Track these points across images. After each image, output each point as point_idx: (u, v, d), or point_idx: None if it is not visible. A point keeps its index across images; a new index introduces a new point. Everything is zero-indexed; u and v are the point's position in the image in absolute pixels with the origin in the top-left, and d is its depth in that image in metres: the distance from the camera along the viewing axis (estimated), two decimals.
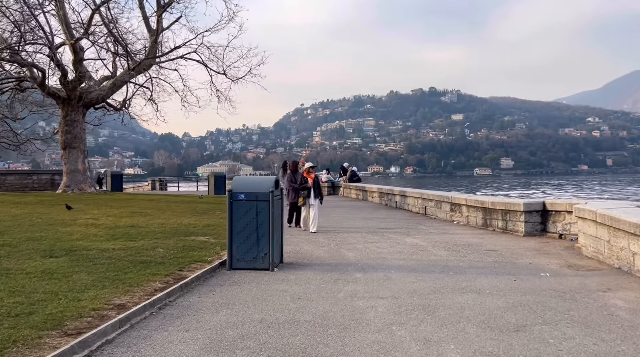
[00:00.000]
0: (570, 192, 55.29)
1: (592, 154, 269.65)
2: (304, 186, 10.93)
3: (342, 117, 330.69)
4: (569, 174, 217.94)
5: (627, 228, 6.55)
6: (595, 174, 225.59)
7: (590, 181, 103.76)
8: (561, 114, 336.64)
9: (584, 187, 68.58)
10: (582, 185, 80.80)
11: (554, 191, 59.62)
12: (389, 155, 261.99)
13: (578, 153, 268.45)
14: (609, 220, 7.09)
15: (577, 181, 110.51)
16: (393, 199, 18.89)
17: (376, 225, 12.90)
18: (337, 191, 27.56)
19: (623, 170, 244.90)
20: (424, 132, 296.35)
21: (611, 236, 7.16)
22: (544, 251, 8.65)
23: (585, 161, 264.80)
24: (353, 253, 8.52)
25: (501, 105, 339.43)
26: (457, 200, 13.32)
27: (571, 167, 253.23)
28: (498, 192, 60.72)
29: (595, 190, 61.76)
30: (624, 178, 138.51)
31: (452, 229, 12.02)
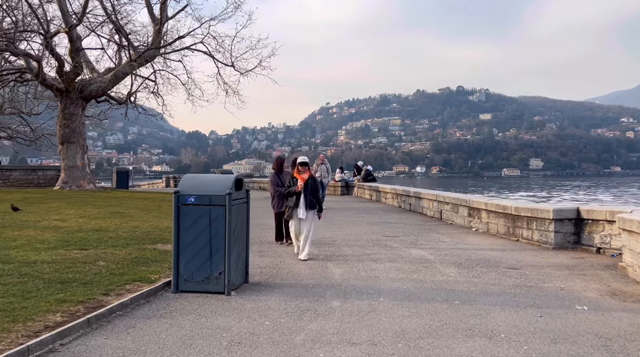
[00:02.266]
0: (603, 197, 52.46)
1: (625, 155, 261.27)
2: (290, 190, 7.88)
3: (367, 115, 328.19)
4: (601, 176, 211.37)
5: None
6: (629, 175, 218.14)
7: (626, 184, 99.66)
8: (593, 113, 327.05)
9: (617, 192, 65.32)
10: (610, 188, 77.25)
11: (583, 196, 56.74)
12: (415, 155, 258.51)
13: (611, 154, 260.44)
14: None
15: (606, 183, 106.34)
16: (407, 201, 17.27)
17: (382, 232, 11.34)
18: (351, 191, 25.99)
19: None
20: (451, 131, 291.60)
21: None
22: (578, 270, 6.99)
23: (619, 162, 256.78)
24: (341, 270, 7.01)
25: (531, 105, 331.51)
26: (476, 204, 11.67)
27: (603, 168, 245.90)
28: (527, 193, 58.11)
29: (634, 194, 58.61)
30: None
31: (469, 238, 10.39)
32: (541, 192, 61.57)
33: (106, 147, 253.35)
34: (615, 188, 73.34)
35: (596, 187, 75.16)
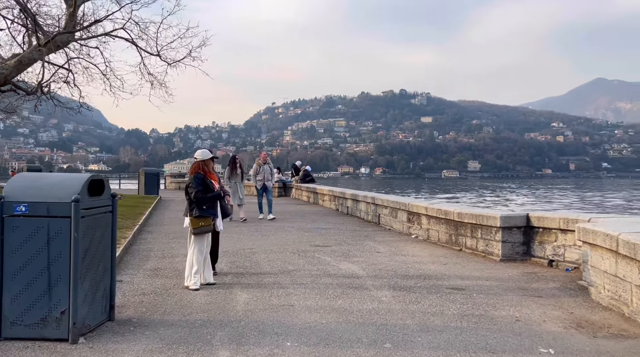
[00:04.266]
0: (527, 199, 53.87)
1: (555, 158, 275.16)
2: (198, 195, 5.91)
3: (313, 116, 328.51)
4: (534, 178, 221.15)
5: None
6: (559, 178, 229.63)
7: (554, 186, 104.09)
8: (527, 118, 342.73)
9: (544, 194, 67.62)
10: (536, 189, 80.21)
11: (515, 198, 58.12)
12: (359, 156, 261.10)
13: (542, 157, 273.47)
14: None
15: (531, 185, 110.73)
16: (344, 203, 16.07)
17: (312, 240, 10.00)
18: (289, 192, 24.60)
19: (585, 175, 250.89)
20: (394, 133, 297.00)
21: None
22: (533, 290, 5.90)
23: (550, 165, 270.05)
24: (248, 296, 5.57)
25: (469, 109, 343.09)
26: (416, 208, 10.55)
27: (536, 171, 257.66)
28: (470, 195, 58.82)
29: (565, 196, 60.66)
30: (589, 183, 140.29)
31: (408, 247, 9.22)
32: (490, 195, 62.65)
33: (38, 145, 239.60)
34: (569, 190, 75.87)
35: (551, 190, 77.70)
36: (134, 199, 18.70)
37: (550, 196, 55.84)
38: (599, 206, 39.77)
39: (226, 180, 13.36)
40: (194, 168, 6.26)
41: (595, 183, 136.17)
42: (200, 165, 6.21)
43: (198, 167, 6.21)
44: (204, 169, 6.18)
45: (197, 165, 6.23)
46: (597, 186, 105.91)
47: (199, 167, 6.20)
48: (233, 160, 13.78)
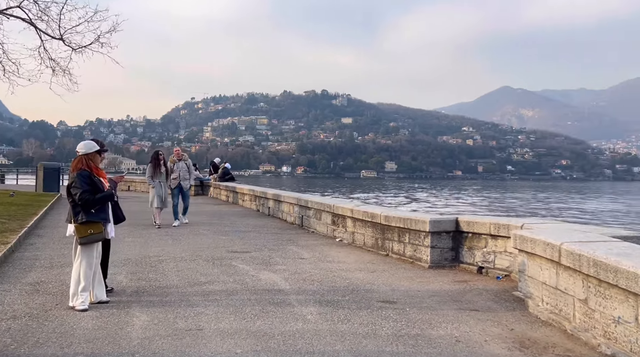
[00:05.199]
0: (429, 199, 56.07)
1: (465, 160, 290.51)
2: (84, 197, 4.90)
3: (234, 113, 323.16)
4: (446, 179, 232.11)
5: (638, 289, 3.49)
6: (468, 179, 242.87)
7: (463, 187, 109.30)
8: (440, 122, 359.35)
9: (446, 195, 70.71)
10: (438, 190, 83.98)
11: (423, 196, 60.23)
12: (281, 155, 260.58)
13: (454, 159, 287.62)
14: (593, 265, 4.03)
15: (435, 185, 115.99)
16: (266, 204, 15.29)
17: (229, 245, 9.15)
18: (207, 191, 23.37)
19: (492, 177, 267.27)
20: (315, 133, 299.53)
21: (594, 295, 4.11)
22: (467, 302, 5.49)
23: (460, 167, 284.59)
24: (148, 318, 4.68)
25: (387, 112, 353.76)
26: (341, 210, 10.02)
27: (447, 172, 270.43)
28: (388, 194, 59.99)
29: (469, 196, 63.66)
30: (495, 184, 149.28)
31: (333, 252, 8.65)
32: (403, 194, 64.28)
33: None
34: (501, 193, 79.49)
35: (486, 191, 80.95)
36: (29, 197, 16.74)
37: (463, 197, 58.31)
38: (511, 208, 41.85)
39: (149, 179, 11.91)
40: (76, 164, 5.14)
41: (501, 184, 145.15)
42: (84, 160, 5.13)
43: (81, 162, 5.12)
44: (89, 165, 5.12)
45: (81, 160, 5.13)
46: (503, 186, 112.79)
47: (83, 163, 5.12)
48: (156, 156, 12.02)
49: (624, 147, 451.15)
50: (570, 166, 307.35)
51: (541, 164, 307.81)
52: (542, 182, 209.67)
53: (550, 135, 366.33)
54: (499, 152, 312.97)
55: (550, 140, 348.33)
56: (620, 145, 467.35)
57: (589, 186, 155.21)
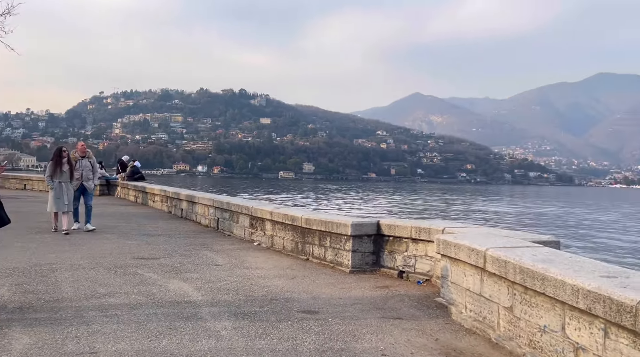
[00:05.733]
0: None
1: (379, 163, 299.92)
2: None
3: (147, 110, 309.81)
4: (361, 180, 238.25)
5: (566, 297, 3.42)
6: (382, 181, 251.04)
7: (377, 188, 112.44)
8: (356, 125, 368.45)
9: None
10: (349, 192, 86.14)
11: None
12: (197, 154, 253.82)
13: (369, 162, 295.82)
14: (519, 272, 3.94)
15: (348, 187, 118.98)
16: (179, 205, 14.46)
17: (136, 251, 8.40)
18: (114, 190, 21.86)
19: (403, 179, 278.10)
20: (233, 132, 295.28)
21: (519, 302, 4.02)
22: (390, 310, 5.29)
23: (374, 169, 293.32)
24: (32, 340, 3.97)
25: (305, 113, 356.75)
26: (260, 213, 9.58)
27: (362, 174, 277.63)
28: (297, 196, 60.08)
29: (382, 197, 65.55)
30: (406, 186, 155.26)
31: (250, 257, 8.19)
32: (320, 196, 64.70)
33: None
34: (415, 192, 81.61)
35: (397, 192, 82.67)
36: None
37: (379, 199, 59.82)
38: (424, 211, 43.37)
39: (47, 179, 10.45)
40: None
41: (413, 187, 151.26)
42: None
43: None
44: None
45: None
46: (414, 189, 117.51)
47: None
48: (59, 153, 10.58)
49: (521, 153, 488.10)
50: (475, 170, 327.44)
51: (448, 168, 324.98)
52: (450, 185, 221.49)
53: (456, 141, 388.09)
54: (411, 155, 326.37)
55: (456, 145, 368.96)
56: (518, 152, 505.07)
57: (490, 189, 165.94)
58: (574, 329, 3.41)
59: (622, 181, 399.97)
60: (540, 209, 50.65)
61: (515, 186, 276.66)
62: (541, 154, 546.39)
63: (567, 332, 3.47)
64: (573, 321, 3.41)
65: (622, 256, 19.31)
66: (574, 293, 3.33)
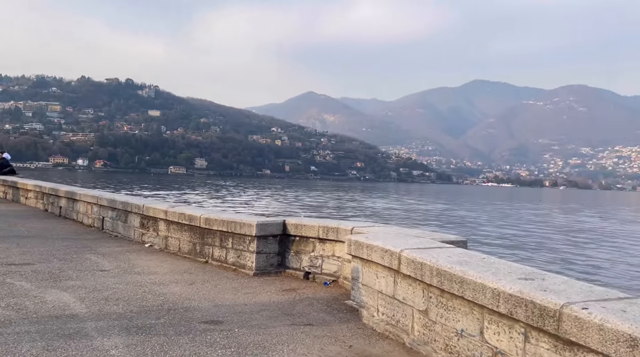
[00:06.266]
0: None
1: (274, 160, 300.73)
2: None
3: (19, 97, 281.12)
4: (255, 177, 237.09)
5: (485, 300, 3.37)
6: (276, 178, 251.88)
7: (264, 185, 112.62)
8: (251, 121, 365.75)
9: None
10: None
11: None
12: (77, 146, 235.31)
13: (263, 158, 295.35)
14: (436, 275, 3.86)
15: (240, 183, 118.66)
16: (57, 203, 13.02)
17: (3, 256, 7.29)
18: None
19: (297, 176, 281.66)
20: (118, 124, 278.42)
21: (435, 305, 3.94)
22: (300, 315, 5.01)
23: (269, 166, 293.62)
24: None
25: (198, 107, 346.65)
26: (153, 211, 8.83)
27: (257, 171, 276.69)
28: (193, 192, 58.07)
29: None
30: (300, 183, 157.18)
31: (141, 260, 7.49)
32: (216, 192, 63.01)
33: None
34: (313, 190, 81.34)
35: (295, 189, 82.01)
36: None
37: (275, 197, 59.64)
38: (317, 208, 43.91)
39: None
40: None
41: (307, 183, 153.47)
42: None
43: None
44: None
45: None
46: (308, 186, 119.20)
47: None
48: None
49: (406, 153, 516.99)
50: (364, 168, 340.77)
51: (340, 166, 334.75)
52: (341, 182, 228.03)
53: (348, 140, 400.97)
54: (304, 153, 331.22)
55: (348, 144, 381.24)
56: (403, 151, 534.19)
57: (379, 186, 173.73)
58: (493, 334, 3.37)
59: (493, 179, 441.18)
60: (426, 206, 53.75)
61: (400, 183, 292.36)
62: (424, 154, 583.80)
63: (486, 336, 3.43)
64: (492, 325, 3.37)
65: (497, 246, 20.97)
66: (494, 297, 3.28)
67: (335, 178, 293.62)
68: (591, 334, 2.60)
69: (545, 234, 26.22)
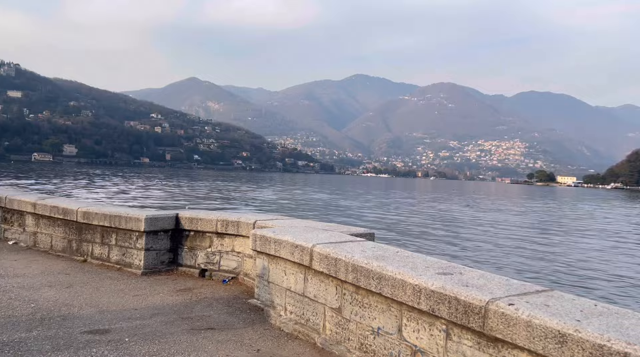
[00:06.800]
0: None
1: (153, 148, 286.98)
2: None
3: None
4: (132, 166, 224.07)
5: (405, 297, 3.25)
6: (156, 166, 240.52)
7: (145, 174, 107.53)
8: (127, 106, 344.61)
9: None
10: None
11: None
12: None
13: (142, 146, 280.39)
14: (352, 271, 3.68)
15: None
16: None
17: None
18: None
19: (179, 165, 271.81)
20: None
21: (349, 303, 3.77)
22: (200, 319, 4.58)
23: (148, 154, 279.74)
24: None
25: (67, 89, 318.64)
26: (18, 204, 7.70)
27: (134, 159, 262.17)
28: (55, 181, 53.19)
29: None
30: (182, 172, 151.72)
31: (6, 260, 6.47)
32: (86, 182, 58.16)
33: None
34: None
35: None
36: None
37: (155, 187, 56.73)
38: (202, 198, 42.48)
39: None
40: None
41: (189, 173, 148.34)
42: None
43: None
44: None
45: None
46: (191, 176, 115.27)
47: None
48: None
49: (292, 143, 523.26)
50: (250, 158, 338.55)
51: (225, 155, 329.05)
52: (226, 171, 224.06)
53: (233, 129, 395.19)
54: (187, 141, 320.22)
55: (233, 133, 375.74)
56: (289, 142, 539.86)
57: (265, 176, 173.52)
58: (412, 331, 3.27)
59: (372, 170, 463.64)
60: (315, 195, 54.57)
61: (285, 173, 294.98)
62: (308, 145, 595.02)
63: (405, 334, 3.32)
64: (412, 322, 3.27)
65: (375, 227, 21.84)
66: (415, 293, 3.18)
67: (220, 168, 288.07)
68: (518, 330, 2.57)
69: (424, 222, 27.93)
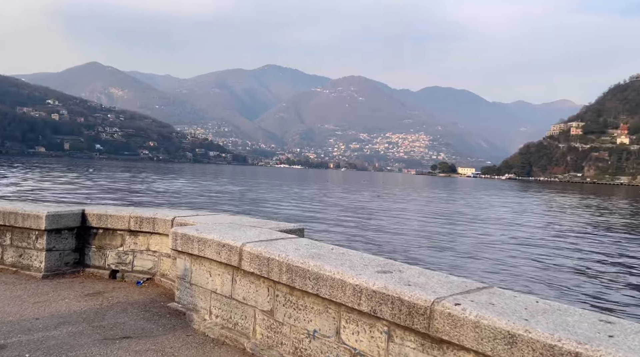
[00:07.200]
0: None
1: (50, 136, 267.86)
2: None
3: None
4: (26, 155, 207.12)
5: (345, 298, 3.11)
6: (53, 156, 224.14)
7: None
8: (19, 91, 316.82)
9: None
10: None
11: None
12: None
13: (36, 134, 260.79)
14: (287, 271, 3.47)
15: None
16: None
17: None
18: None
19: (79, 155, 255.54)
20: None
21: (282, 305, 3.56)
22: (112, 326, 4.14)
23: (44, 143, 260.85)
24: None
25: None
26: None
27: (28, 148, 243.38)
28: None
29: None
30: (82, 163, 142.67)
31: None
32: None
33: None
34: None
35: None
36: None
37: (56, 179, 52.72)
38: (102, 191, 40.11)
39: None
40: None
41: (91, 163, 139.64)
42: None
43: None
44: None
45: None
46: (92, 165, 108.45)
47: None
48: None
49: (202, 133, 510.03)
50: (157, 148, 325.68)
51: (130, 145, 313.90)
52: (132, 162, 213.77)
53: (139, 117, 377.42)
54: (88, 129, 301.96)
55: (139, 121, 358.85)
56: (199, 131, 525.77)
57: (174, 167, 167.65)
58: (351, 334, 3.13)
59: (285, 161, 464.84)
60: (228, 187, 53.38)
61: (196, 164, 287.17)
62: (220, 135, 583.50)
63: (343, 337, 3.18)
64: (350, 324, 3.13)
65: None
66: (355, 294, 3.04)
67: (125, 158, 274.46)
68: (466, 331, 2.50)
69: (337, 213, 28.30)
